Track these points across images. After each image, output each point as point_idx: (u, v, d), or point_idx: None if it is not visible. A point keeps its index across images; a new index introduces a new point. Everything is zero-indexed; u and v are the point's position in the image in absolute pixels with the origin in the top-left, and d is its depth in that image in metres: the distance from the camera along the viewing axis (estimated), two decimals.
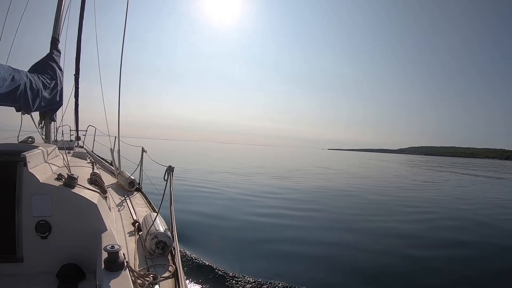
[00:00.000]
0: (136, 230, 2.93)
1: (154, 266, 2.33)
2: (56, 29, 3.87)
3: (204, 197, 10.23)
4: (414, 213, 9.77)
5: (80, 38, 6.26)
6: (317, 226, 7.57)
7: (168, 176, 3.10)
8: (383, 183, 18.87)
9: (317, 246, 6.04)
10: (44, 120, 3.78)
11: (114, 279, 1.68)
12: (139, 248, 2.59)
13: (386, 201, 11.84)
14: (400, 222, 8.42)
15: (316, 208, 9.70)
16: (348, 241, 6.43)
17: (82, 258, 2.20)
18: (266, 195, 11.50)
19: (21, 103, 2.72)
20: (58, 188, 2.23)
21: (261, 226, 7.20)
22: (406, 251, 5.95)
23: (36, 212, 2.16)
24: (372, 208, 10.37)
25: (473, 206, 11.50)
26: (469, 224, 8.56)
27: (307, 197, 11.69)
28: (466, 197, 14.01)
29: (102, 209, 2.37)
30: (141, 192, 4.64)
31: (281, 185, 14.43)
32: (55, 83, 3.37)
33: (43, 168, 2.46)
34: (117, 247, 1.80)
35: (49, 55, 3.63)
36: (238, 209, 8.86)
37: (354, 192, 13.74)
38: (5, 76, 2.37)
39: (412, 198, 13.12)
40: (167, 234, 2.56)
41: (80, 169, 3.23)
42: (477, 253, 6.12)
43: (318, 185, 15.70)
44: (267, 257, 5.29)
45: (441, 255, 5.89)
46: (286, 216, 8.27)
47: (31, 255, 2.18)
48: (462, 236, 7.19)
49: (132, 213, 3.56)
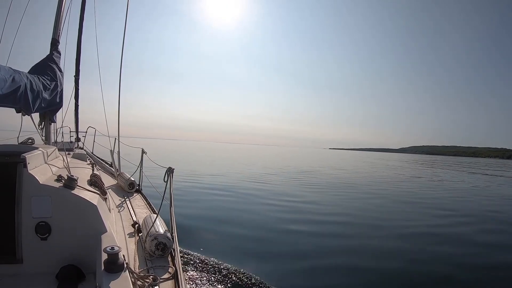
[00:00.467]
0: (136, 232, 2.93)
1: (154, 268, 2.33)
2: (56, 30, 3.88)
3: (206, 199, 10.21)
4: (452, 216, 9.42)
5: (80, 39, 6.26)
6: (342, 233, 7.08)
7: (168, 177, 3.10)
8: (408, 184, 18.37)
9: (338, 253, 5.72)
10: (44, 121, 3.78)
11: (114, 280, 1.68)
12: (139, 249, 2.59)
13: (419, 203, 11.42)
14: (445, 227, 8.05)
15: (340, 212, 9.27)
16: (392, 247, 6.11)
17: (82, 259, 2.20)
18: (282, 198, 11.15)
19: (21, 104, 2.72)
20: (58, 189, 2.23)
21: (263, 227, 7.18)
22: (462, 260, 5.61)
23: (36, 213, 2.16)
24: (406, 211, 9.94)
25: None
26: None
27: (328, 200, 11.29)
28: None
29: (102, 210, 2.37)
30: (141, 193, 4.64)
31: (298, 188, 14.13)
32: (55, 84, 3.37)
33: (43, 169, 2.46)
34: (117, 249, 1.80)
35: (49, 56, 3.64)
36: (245, 210, 8.86)
37: (381, 194, 13.37)
38: (6, 77, 2.37)
39: (442, 199, 12.83)
40: (167, 236, 2.55)
41: (80, 171, 3.23)
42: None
43: (336, 186, 15.44)
44: (268, 258, 5.28)
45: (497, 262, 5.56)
46: (298, 221, 8.07)
47: (31, 256, 2.18)
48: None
49: (132, 214, 3.56)
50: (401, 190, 15.52)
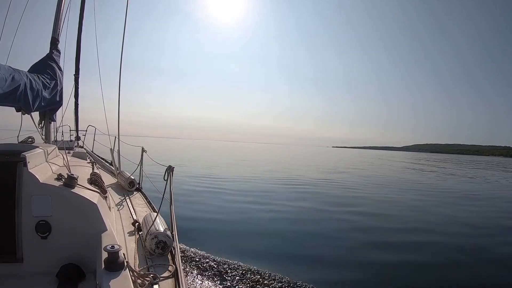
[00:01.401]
0: (136, 230, 2.94)
1: (154, 266, 2.33)
2: (56, 29, 3.88)
3: (207, 197, 10.23)
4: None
5: (80, 38, 6.26)
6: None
7: (168, 176, 3.10)
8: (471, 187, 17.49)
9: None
10: (44, 120, 3.78)
11: (114, 279, 1.68)
12: (139, 248, 2.59)
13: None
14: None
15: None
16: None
17: (82, 258, 2.20)
18: (282, 200, 11.06)
19: (21, 103, 2.72)
20: (58, 188, 2.23)
21: (263, 224, 7.20)
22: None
23: (36, 212, 2.16)
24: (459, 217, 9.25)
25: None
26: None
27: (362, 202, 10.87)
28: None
29: (102, 209, 2.37)
30: (141, 192, 4.64)
31: (298, 187, 13.92)
32: (55, 83, 3.37)
33: (43, 168, 2.46)
34: (117, 247, 1.80)
35: (49, 55, 3.64)
36: (246, 208, 8.87)
37: (418, 201, 11.95)
38: (5, 76, 2.37)
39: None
40: (167, 234, 2.56)
41: (80, 169, 3.23)
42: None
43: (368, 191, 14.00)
44: (269, 257, 5.29)
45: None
46: (297, 221, 8.07)
47: (31, 255, 2.18)
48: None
49: (132, 213, 3.57)
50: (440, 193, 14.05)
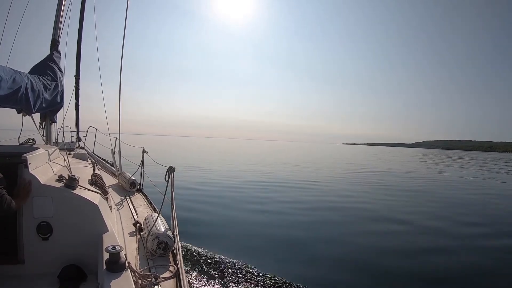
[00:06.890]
0: (137, 231, 2.94)
1: (156, 267, 2.33)
2: (56, 31, 3.87)
3: (211, 196, 10.23)
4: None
5: (80, 39, 6.26)
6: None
7: (169, 176, 3.10)
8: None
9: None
10: (45, 121, 3.78)
11: (115, 279, 1.68)
12: (140, 248, 2.60)
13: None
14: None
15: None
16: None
17: (84, 259, 2.20)
18: (282, 200, 11.01)
19: (22, 105, 2.72)
20: (59, 190, 2.23)
21: (265, 224, 7.19)
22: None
23: (37, 214, 2.16)
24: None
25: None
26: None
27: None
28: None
29: (103, 210, 2.38)
30: (142, 192, 4.65)
31: (298, 188, 13.57)
32: (55, 85, 3.37)
33: (44, 169, 2.47)
34: (119, 248, 1.80)
35: (49, 56, 3.63)
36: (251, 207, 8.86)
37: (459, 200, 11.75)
38: (6, 78, 2.37)
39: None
40: (169, 235, 2.56)
41: (81, 170, 3.24)
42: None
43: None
44: (270, 257, 5.29)
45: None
46: (298, 222, 8.08)
47: (33, 257, 2.18)
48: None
49: (133, 213, 3.57)
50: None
